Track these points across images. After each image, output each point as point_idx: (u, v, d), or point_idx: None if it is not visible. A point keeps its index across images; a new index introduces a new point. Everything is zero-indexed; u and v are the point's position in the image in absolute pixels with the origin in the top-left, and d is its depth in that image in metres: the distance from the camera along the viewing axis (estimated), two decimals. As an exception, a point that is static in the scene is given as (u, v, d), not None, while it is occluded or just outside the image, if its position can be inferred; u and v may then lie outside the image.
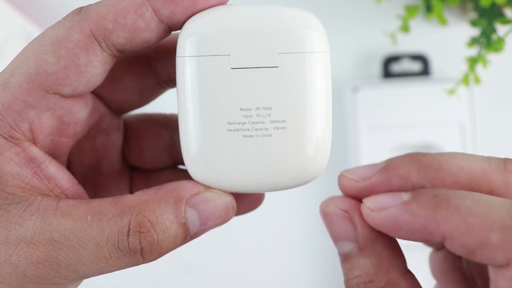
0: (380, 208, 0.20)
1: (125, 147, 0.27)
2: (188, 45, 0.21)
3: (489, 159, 0.20)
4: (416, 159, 0.21)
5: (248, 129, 0.21)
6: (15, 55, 0.21)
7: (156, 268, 0.54)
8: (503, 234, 0.18)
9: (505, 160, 0.20)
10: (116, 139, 0.26)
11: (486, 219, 0.18)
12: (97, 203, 0.21)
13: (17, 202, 0.20)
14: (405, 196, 0.20)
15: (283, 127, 0.21)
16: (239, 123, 0.21)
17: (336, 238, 0.21)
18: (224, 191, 0.22)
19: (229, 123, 0.21)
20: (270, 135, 0.21)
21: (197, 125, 0.21)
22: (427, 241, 0.20)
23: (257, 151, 0.21)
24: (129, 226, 0.20)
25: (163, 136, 0.26)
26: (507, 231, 0.18)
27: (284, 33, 0.21)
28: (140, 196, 0.21)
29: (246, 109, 0.21)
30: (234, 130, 0.21)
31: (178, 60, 0.21)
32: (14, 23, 0.50)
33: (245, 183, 0.21)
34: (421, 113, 0.51)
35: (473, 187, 0.20)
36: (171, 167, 0.27)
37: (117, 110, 0.26)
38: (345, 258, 0.21)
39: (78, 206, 0.20)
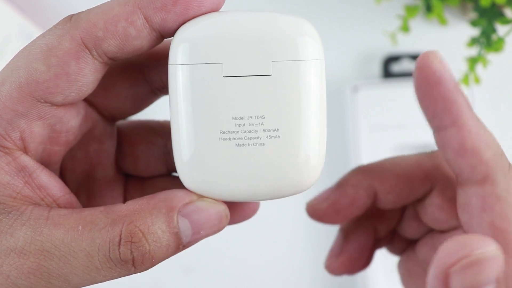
0: (443, 61, 0.23)
1: (118, 155, 0.26)
2: (180, 53, 0.20)
3: (419, 154, 0.25)
4: (360, 169, 0.25)
5: (241, 138, 0.20)
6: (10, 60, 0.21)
7: (156, 268, 0.54)
8: (494, 156, 0.22)
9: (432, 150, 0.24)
10: (110, 146, 0.26)
11: (491, 140, 0.22)
12: (88, 212, 0.20)
13: (7, 212, 0.20)
14: (456, 78, 0.23)
15: (276, 136, 0.21)
16: (231, 132, 0.20)
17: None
18: (217, 200, 0.21)
19: (221, 131, 0.20)
20: (263, 144, 0.21)
21: (189, 134, 0.21)
22: (436, 114, 0.22)
23: (250, 160, 0.21)
24: (120, 236, 0.20)
25: (157, 144, 0.26)
26: (497, 156, 0.22)
27: (277, 40, 0.20)
28: (132, 205, 0.20)
29: (238, 118, 0.20)
30: (226, 139, 0.20)
31: (170, 68, 0.21)
32: (14, 23, 0.50)
33: (237, 192, 0.21)
34: (421, 113, 0.51)
35: (410, 176, 0.24)
36: (166, 174, 0.27)
37: (110, 117, 0.25)
38: None
39: (69, 215, 0.20)
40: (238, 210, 0.25)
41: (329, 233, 0.34)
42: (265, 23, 0.20)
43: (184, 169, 0.21)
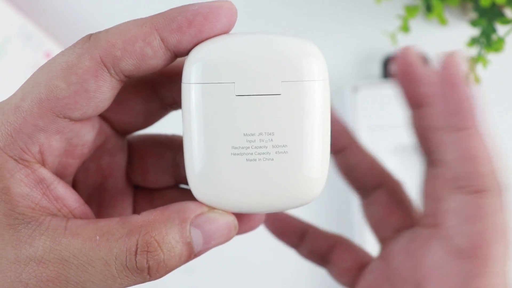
0: (460, 64, 0.24)
1: (129, 167, 0.27)
2: (194, 72, 0.21)
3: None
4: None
5: (252, 153, 0.22)
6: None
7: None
8: (497, 171, 0.23)
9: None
10: (121, 159, 0.27)
11: (490, 154, 0.23)
12: (105, 223, 0.21)
13: (27, 222, 0.21)
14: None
15: (284, 152, 0.22)
16: (242, 148, 0.22)
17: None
18: (227, 212, 0.23)
19: (233, 147, 0.22)
20: (272, 159, 0.22)
21: (201, 149, 0.22)
22: (451, 115, 0.23)
23: (260, 174, 0.22)
24: (136, 245, 0.21)
25: (165, 157, 0.27)
26: (498, 173, 0.23)
27: (286, 62, 0.21)
28: (147, 216, 0.21)
29: (249, 134, 0.21)
30: (238, 154, 0.22)
31: (184, 87, 0.22)
32: (14, 23, 0.50)
33: (247, 204, 0.22)
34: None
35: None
36: (173, 186, 0.28)
37: (122, 131, 0.26)
38: None
39: (86, 226, 0.21)
40: (244, 221, 0.26)
41: (329, 233, 0.34)
42: (274, 46, 0.21)
43: (196, 182, 0.22)
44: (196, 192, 0.22)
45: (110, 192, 0.27)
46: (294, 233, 0.32)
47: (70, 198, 0.22)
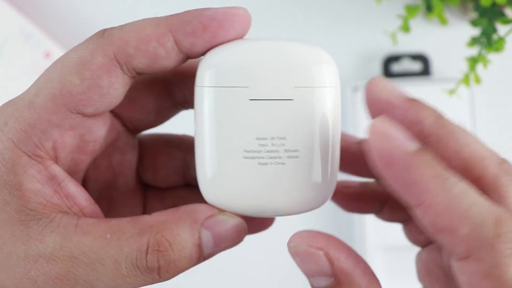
0: (387, 134, 0.19)
1: (139, 166, 0.27)
2: (208, 76, 0.22)
3: (490, 150, 0.21)
4: (436, 113, 0.21)
5: (263, 157, 0.22)
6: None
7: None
8: (472, 230, 0.19)
9: (503, 159, 0.21)
10: (132, 157, 0.27)
11: (466, 211, 0.19)
12: (116, 222, 0.21)
13: (38, 219, 0.21)
14: (412, 146, 0.19)
15: (296, 156, 0.22)
16: (255, 151, 0.22)
17: (311, 275, 0.22)
18: (237, 214, 0.23)
19: (245, 151, 0.22)
20: (284, 163, 0.22)
21: (213, 152, 0.22)
22: (399, 196, 0.20)
23: (271, 178, 0.22)
24: (147, 244, 0.20)
25: (176, 157, 0.27)
26: (476, 230, 0.19)
27: (299, 68, 0.21)
28: (158, 216, 0.21)
29: (262, 138, 0.22)
30: (250, 158, 0.22)
31: (197, 90, 0.22)
32: (14, 23, 0.50)
33: (258, 208, 0.22)
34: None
35: (467, 166, 0.21)
36: (183, 186, 0.28)
37: (134, 129, 0.26)
38: None
39: (97, 224, 0.21)
40: (254, 222, 0.26)
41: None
42: (287, 51, 0.22)
43: (207, 185, 0.22)
44: (206, 195, 0.23)
45: (120, 191, 0.27)
46: (372, 206, 0.29)
47: (80, 196, 0.22)
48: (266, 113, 0.22)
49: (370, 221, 0.49)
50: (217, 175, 0.22)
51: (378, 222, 0.30)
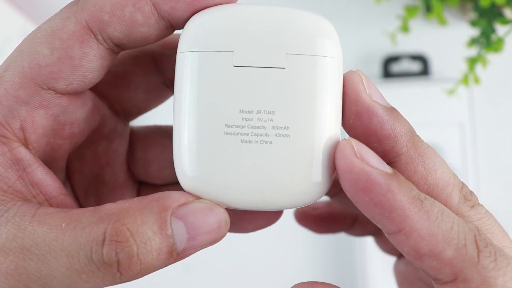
0: (363, 160, 0.18)
1: (130, 159, 0.25)
2: (188, 39, 0.19)
3: (454, 175, 0.20)
4: (411, 130, 0.20)
5: (247, 134, 0.19)
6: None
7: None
8: (457, 251, 0.18)
9: (463, 184, 0.21)
10: (119, 146, 0.24)
11: (447, 232, 0.18)
12: (76, 211, 0.19)
13: None
14: (388, 169, 0.19)
15: (285, 135, 0.19)
16: (237, 126, 0.19)
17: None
18: (217, 203, 0.19)
19: (226, 125, 0.19)
20: (271, 142, 0.19)
21: (191, 124, 0.19)
22: (376, 221, 0.19)
23: (255, 160, 0.19)
24: (104, 234, 0.18)
25: (170, 149, 0.25)
26: (461, 251, 0.18)
27: (294, 33, 0.19)
28: (122, 204, 0.19)
29: (246, 112, 0.19)
30: (231, 134, 0.19)
31: (178, 57, 0.20)
32: (14, 23, 0.50)
33: (238, 198, 0.19)
34: (421, 113, 0.51)
35: (432, 193, 0.20)
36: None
37: (121, 111, 0.24)
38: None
39: (56, 214, 0.18)
40: (256, 216, 0.23)
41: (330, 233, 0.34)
42: (284, 16, 0.19)
43: (181, 164, 0.19)
44: (181, 178, 0.19)
45: (108, 185, 0.24)
46: (344, 224, 0.28)
47: (49, 185, 0.20)
48: (252, 83, 0.19)
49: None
50: (193, 152, 0.19)
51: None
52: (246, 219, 0.23)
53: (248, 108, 0.19)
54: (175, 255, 0.19)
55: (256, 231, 0.25)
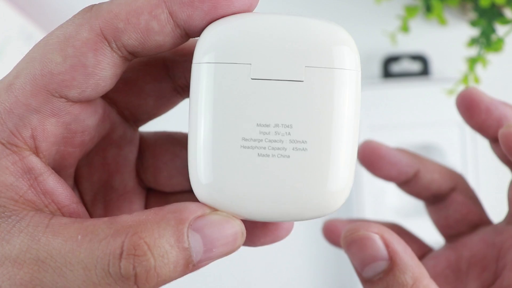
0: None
1: (140, 166, 0.25)
2: (205, 50, 0.19)
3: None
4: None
5: (264, 148, 0.19)
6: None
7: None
8: None
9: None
10: (129, 153, 0.24)
11: None
12: (91, 222, 0.18)
13: (7, 216, 0.18)
14: None
15: (303, 149, 0.19)
16: (254, 140, 0.19)
17: (367, 262, 0.22)
18: (233, 215, 0.19)
19: (243, 139, 0.19)
20: (288, 156, 0.19)
21: (207, 137, 0.19)
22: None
23: (272, 173, 0.19)
24: (122, 248, 0.17)
25: (181, 156, 0.24)
26: None
27: (313, 45, 0.19)
28: (138, 216, 0.18)
29: (263, 125, 0.19)
30: (248, 147, 0.19)
31: (193, 67, 0.19)
32: (14, 23, 0.50)
33: (255, 210, 0.19)
34: (421, 113, 0.51)
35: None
36: (189, 190, 0.25)
37: (131, 117, 0.24)
38: (378, 279, 0.22)
39: (70, 224, 0.18)
40: (270, 228, 0.23)
41: (329, 233, 0.34)
42: (301, 27, 0.19)
43: (197, 177, 0.19)
44: (197, 190, 0.19)
45: (117, 192, 0.24)
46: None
47: (60, 194, 0.20)
48: (269, 96, 0.19)
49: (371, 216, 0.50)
50: (210, 166, 0.19)
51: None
52: (256, 234, 0.23)
53: (265, 121, 0.19)
54: (191, 266, 0.19)
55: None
